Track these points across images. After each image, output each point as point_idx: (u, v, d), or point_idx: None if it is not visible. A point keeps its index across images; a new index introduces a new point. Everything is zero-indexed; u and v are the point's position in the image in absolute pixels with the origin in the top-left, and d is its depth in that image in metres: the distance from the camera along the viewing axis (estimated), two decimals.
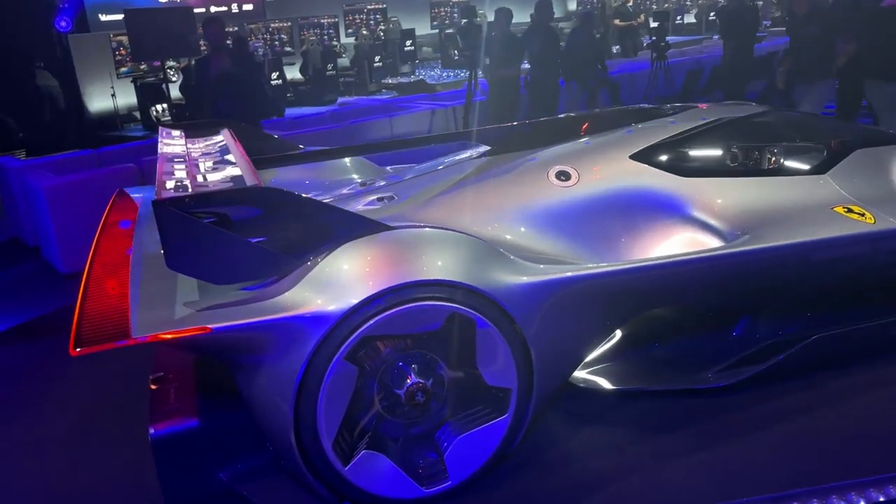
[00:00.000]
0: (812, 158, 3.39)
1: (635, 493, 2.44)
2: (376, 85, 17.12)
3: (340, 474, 2.33)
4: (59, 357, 3.86)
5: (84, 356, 1.94)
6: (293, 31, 17.43)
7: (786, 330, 3.05)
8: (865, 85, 5.87)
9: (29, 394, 3.53)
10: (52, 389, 3.55)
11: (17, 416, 3.36)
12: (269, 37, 16.38)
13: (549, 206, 3.02)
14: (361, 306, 2.22)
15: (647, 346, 3.01)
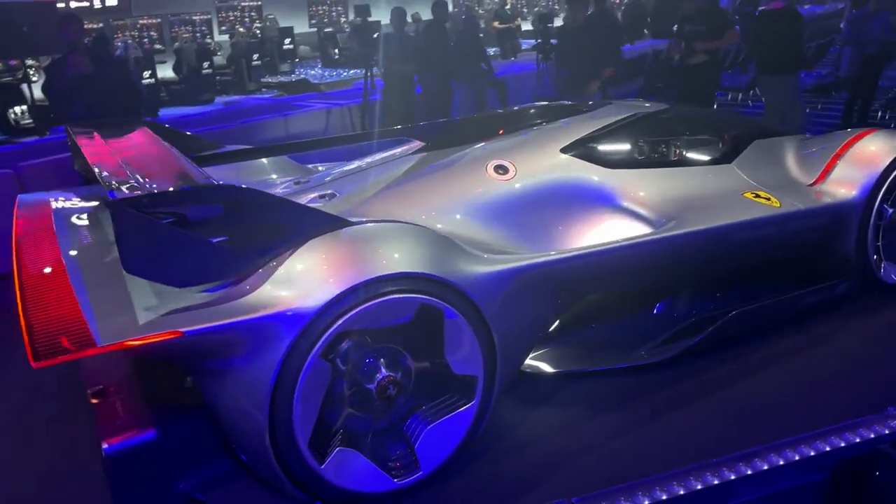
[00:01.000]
0: (718, 150, 3.69)
1: (589, 471, 2.54)
2: (255, 84, 16.64)
3: (316, 473, 2.30)
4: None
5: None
6: (163, 28, 16.66)
7: (708, 307, 3.31)
8: (758, 79, 6.49)
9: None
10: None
11: None
12: (138, 34, 15.54)
13: (489, 199, 3.11)
14: (335, 302, 2.20)
15: (582, 329, 3.16)
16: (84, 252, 2.61)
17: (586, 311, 3.14)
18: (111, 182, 2.31)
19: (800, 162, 3.73)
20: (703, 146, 3.68)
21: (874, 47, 8.46)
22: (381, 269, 2.28)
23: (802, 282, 3.55)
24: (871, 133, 3.71)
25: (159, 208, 2.17)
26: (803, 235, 3.43)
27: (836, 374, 3.09)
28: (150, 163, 2.71)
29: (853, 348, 3.28)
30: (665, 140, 3.59)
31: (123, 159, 2.70)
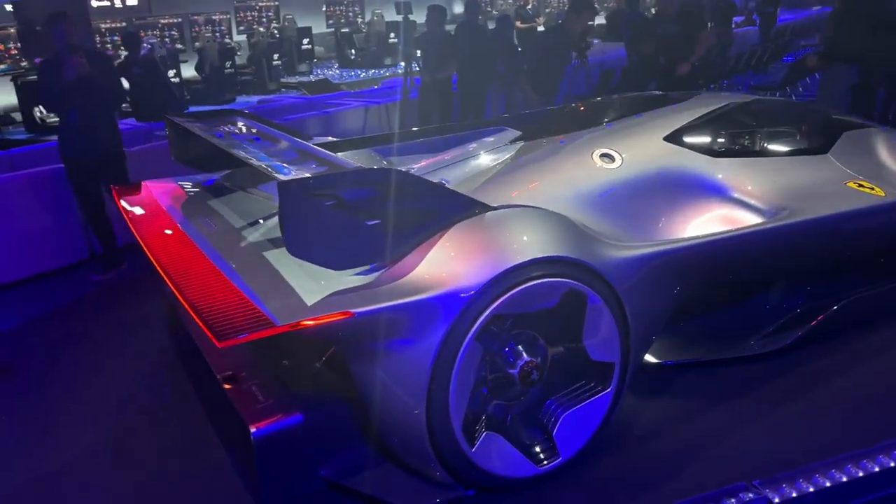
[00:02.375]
0: (811, 140, 3.69)
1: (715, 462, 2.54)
2: (276, 83, 16.65)
3: (467, 457, 2.30)
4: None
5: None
6: (184, 27, 16.65)
7: (814, 298, 3.30)
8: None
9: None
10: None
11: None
12: (160, 33, 15.55)
13: (597, 187, 3.10)
14: (493, 284, 2.20)
15: (692, 319, 3.16)
16: (217, 239, 2.62)
17: (697, 300, 3.13)
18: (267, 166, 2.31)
19: (892, 152, 3.73)
20: (797, 136, 3.68)
21: None
22: (535, 252, 2.29)
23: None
24: None
25: (323, 190, 2.16)
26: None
27: None
28: (285, 150, 2.72)
29: None
30: (761, 130, 3.59)
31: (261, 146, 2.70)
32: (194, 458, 2.74)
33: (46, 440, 2.94)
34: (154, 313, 3.95)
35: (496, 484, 2.39)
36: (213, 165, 3.48)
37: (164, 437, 2.89)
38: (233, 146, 2.83)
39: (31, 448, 2.90)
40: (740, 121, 3.61)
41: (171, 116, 3.46)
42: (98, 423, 3.03)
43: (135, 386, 3.30)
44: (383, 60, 19.15)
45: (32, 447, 2.91)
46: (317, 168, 2.45)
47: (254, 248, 2.58)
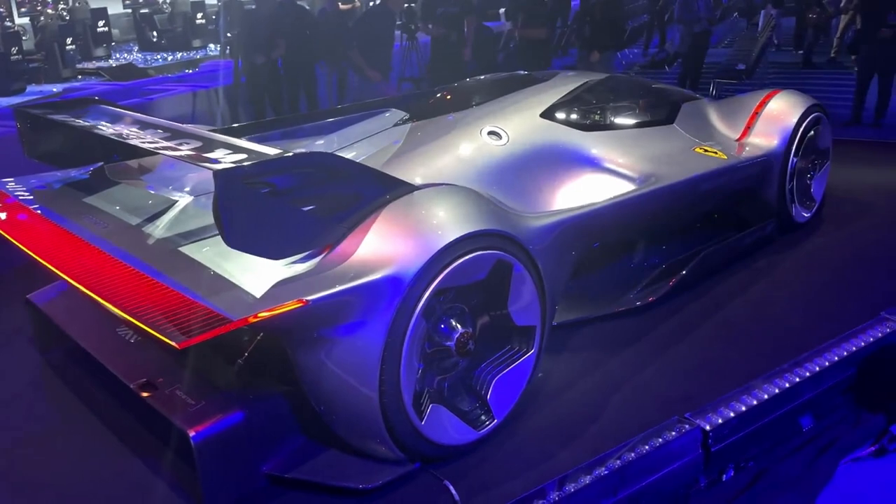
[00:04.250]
0: (659, 112, 4.09)
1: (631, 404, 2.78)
2: (71, 70, 15.16)
3: (419, 431, 2.36)
4: None
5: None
6: None
7: (675, 253, 3.70)
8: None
9: None
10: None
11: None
12: None
13: (489, 163, 3.24)
14: (433, 260, 2.26)
15: (577, 280, 3.42)
16: (118, 238, 2.43)
17: (583, 262, 3.39)
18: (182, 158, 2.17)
19: (723, 120, 4.25)
20: (648, 109, 4.07)
21: (701, 26, 9.55)
22: (469, 227, 2.37)
23: (737, 226, 4.07)
24: (777, 93, 4.31)
25: (258, 178, 2.09)
26: (743, 183, 3.94)
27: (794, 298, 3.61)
28: (175, 135, 2.56)
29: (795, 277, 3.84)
30: (619, 104, 3.93)
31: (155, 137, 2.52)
32: (106, 476, 2.53)
33: None
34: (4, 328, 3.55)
35: (442, 453, 2.47)
36: (76, 159, 3.18)
37: (65, 461, 2.63)
38: (121, 136, 2.62)
39: None
40: (601, 96, 3.93)
41: (25, 107, 3.11)
42: None
43: (8, 412, 2.95)
44: (191, 42, 18.07)
45: None
46: (230, 154, 2.34)
47: (163, 245, 2.43)
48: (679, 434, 2.21)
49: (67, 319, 2.92)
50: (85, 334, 2.79)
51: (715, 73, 9.97)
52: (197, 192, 2.81)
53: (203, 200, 2.77)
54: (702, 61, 9.79)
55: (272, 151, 2.32)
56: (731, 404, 2.34)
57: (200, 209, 2.69)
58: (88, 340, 2.75)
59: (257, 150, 2.34)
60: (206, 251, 2.37)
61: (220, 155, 2.30)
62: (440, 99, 3.93)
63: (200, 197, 2.78)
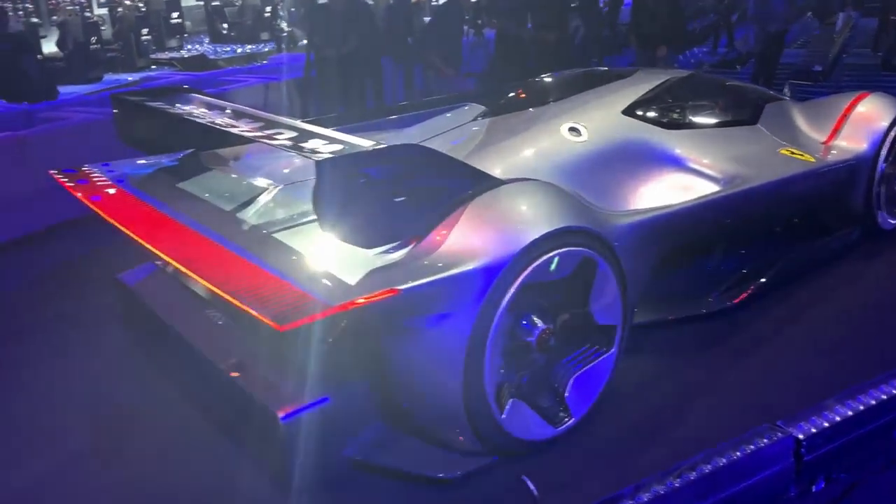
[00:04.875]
0: (743, 112, 4.00)
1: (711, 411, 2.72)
2: (145, 60, 15.66)
3: (499, 424, 2.37)
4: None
5: None
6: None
7: (761, 255, 3.62)
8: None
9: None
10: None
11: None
12: (13, 5, 14.19)
13: (569, 159, 3.22)
14: (522, 254, 2.27)
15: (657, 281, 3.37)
16: (215, 223, 2.51)
17: (664, 264, 3.33)
18: None
19: (809, 122, 4.12)
20: (732, 108, 3.98)
21: (777, 25, 9.28)
22: (558, 222, 2.37)
23: (820, 231, 3.95)
24: (867, 96, 4.16)
25: (356, 168, 2.13)
26: (829, 187, 3.82)
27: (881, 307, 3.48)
28: (269, 124, 2.62)
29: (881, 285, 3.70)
30: (703, 102, 3.85)
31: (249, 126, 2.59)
32: (196, 450, 2.62)
33: (20, 452, 2.70)
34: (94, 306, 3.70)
35: (519, 448, 2.47)
36: (168, 145, 3.29)
37: (154, 435, 2.73)
38: (216, 124, 2.70)
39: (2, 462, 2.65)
40: (684, 94, 3.85)
41: (121, 94, 3.23)
42: (73, 427, 2.81)
43: (103, 385, 3.08)
44: (259, 35, 18.45)
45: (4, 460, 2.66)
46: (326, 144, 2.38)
47: (258, 230, 2.49)
48: (771, 441, 2.17)
49: (156, 299, 3.03)
50: (174, 314, 2.89)
51: (789, 74, 9.68)
52: (287, 180, 2.88)
53: (293, 188, 2.83)
54: (777, 62, 9.50)
55: (366, 143, 2.36)
56: (824, 413, 2.28)
57: (290, 196, 2.75)
58: (177, 321, 2.85)
59: (351, 140, 2.38)
60: (299, 237, 2.43)
61: (316, 145, 2.34)
62: (519, 94, 3.92)
63: (290, 185, 2.85)
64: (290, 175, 2.97)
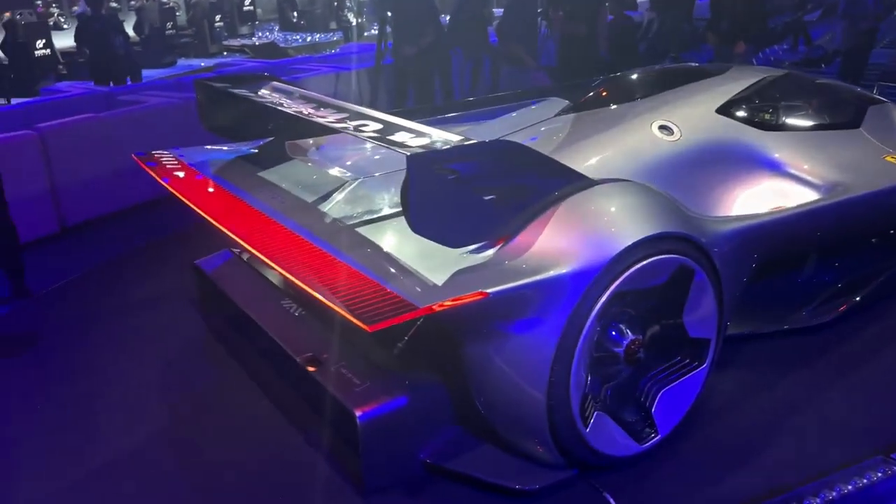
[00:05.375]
0: (844, 114, 3.76)
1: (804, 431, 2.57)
2: (217, 46, 15.95)
3: (582, 438, 2.26)
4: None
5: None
6: None
7: (859, 268, 3.39)
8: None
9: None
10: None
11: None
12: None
13: (660, 159, 3.06)
14: (616, 260, 2.15)
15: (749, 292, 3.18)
16: (297, 215, 2.46)
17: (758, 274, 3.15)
18: None
19: None
20: (832, 110, 3.74)
21: (868, 23, 8.80)
22: (654, 227, 2.24)
23: None
24: None
25: (448, 164, 2.04)
26: None
27: None
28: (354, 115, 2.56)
29: None
30: (800, 103, 3.63)
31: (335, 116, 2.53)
32: (263, 443, 2.59)
33: (93, 433, 2.72)
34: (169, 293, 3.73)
35: (602, 462, 2.36)
36: (250, 133, 3.27)
37: (226, 424, 2.72)
38: (301, 113, 2.65)
39: (79, 442, 2.68)
40: (781, 94, 3.64)
41: (206, 81, 3.22)
42: (150, 411, 2.82)
43: (172, 371, 3.09)
44: (328, 24, 18.60)
45: (81, 441, 2.68)
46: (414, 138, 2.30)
47: (340, 224, 2.44)
48: (885, 476, 2.00)
49: (234, 288, 3.02)
50: (251, 304, 2.87)
51: (878, 74, 9.19)
52: (366, 173, 2.82)
53: (372, 181, 2.77)
54: (866, 61, 9.04)
55: (454, 137, 2.27)
56: None
57: (370, 189, 2.69)
58: (255, 310, 2.82)
59: (440, 134, 2.30)
60: (381, 232, 2.36)
61: (404, 138, 2.27)
62: (604, 89, 3.77)
63: (370, 177, 2.79)
64: (369, 167, 2.91)
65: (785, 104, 3.59)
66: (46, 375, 3.14)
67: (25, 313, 3.80)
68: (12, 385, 3.09)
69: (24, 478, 2.49)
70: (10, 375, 3.17)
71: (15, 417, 2.84)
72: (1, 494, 2.41)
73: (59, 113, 5.83)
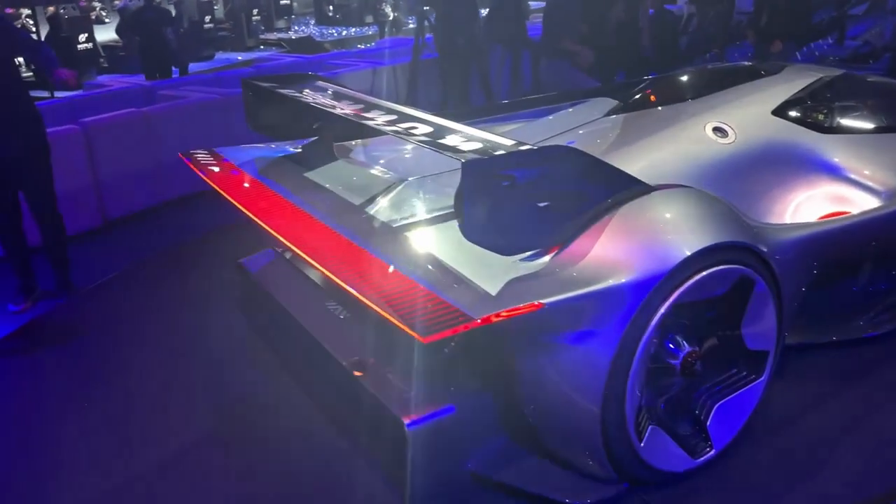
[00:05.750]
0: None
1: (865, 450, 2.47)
2: (254, 40, 16.06)
3: (636, 452, 2.19)
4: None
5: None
6: None
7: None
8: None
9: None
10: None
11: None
12: None
13: (715, 162, 2.97)
14: (676, 271, 2.07)
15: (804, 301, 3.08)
16: (346, 219, 2.42)
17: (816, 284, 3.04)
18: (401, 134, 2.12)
19: None
20: (891, 112, 3.59)
21: None
22: (715, 237, 2.16)
23: None
24: None
25: (502, 171, 1.99)
26: None
27: None
28: (403, 117, 2.51)
29: None
30: (859, 105, 3.50)
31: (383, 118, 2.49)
32: (309, 444, 2.57)
33: (139, 434, 2.72)
34: (211, 291, 3.74)
35: (655, 478, 2.29)
36: (296, 132, 3.25)
37: (271, 428, 2.70)
38: (350, 114, 2.62)
39: (125, 442, 2.69)
40: (838, 95, 3.51)
41: (252, 80, 3.20)
42: (191, 411, 2.82)
43: (220, 370, 3.08)
44: (364, 18, 18.59)
45: (127, 442, 2.69)
46: (466, 142, 2.25)
47: (389, 228, 2.39)
48: None
49: (278, 288, 3.00)
50: (296, 305, 2.84)
51: None
52: (412, 175, 2.77)
53: (418, 183, 2.73)
54: None
55: (507, 141, 2.21)
56: None
57: (419, 192, 2.64)
58: (299, 312, 2.80)
59: (491, 138, 2.24)
60: (431, 237, 2.32)
61: (455, 141, 2.22)
62: (654, 89, 3.67)
63: (418, 179, 2.74)
64: (415, 169, 2.87)
65: (843, 105, 3.46)
66: (90, 373, 3.16)
67: (70, 309, 3.83)
68: (56, 383, 3.11)
69: (72, 479, 2.50)
70: (53, 374, 3.20)
71: (59, 417, 2.86)
72: (49, 495, 2.43)
73: (101, 107, 5.90)
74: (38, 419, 2.86)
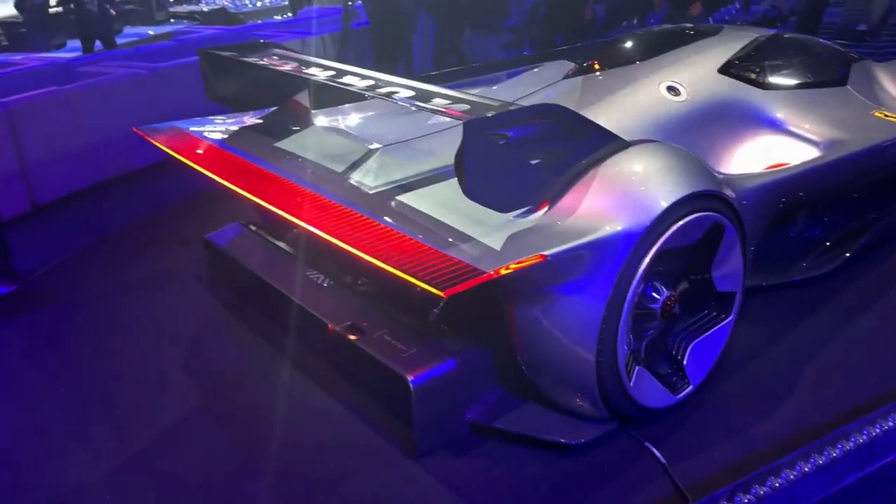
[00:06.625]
0: (832, 72, 3.87)
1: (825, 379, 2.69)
2: (164, 13, 15.40)
3: (626, 392, 2.34)
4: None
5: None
6: None
7: (851, 220, 3.54)
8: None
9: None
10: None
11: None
12: None
13: (670, 120, 3.14)
14: (660, 219, 2.21)
15: None
16: (334, 186, 2.44)
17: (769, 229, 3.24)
18: None
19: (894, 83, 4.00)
20: (820, 69, 3.85)
21: None
22: (692, 186, 2.30)
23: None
24: None
25: (500, 129, 2.05)
26: None
27: None
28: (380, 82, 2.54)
29: None
30: (793, 62, 3.73)
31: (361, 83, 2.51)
32: (310, 416, 2.59)
33: (130, 415, 2.68)
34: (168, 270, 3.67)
35: (641, 415, 2.45)
36: (258, 103, 3.21)
37: (265, 400, 2.69)
38: (328, 80, 2.62)
39: (117, 425, 2.64)
40: (773, 54, 3.73)
41: (210, 49, 3.13)
42: (180, 389, 2.78)
43: (198, 348, 3.05)
44: None
45: (119, 424, 2.64)
46: (452, 104, 2.30)
47: (376, 192, 2.43)
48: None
49: (256, 261, 2.98)
50: (278, 277, 2.84)
51: (832, 33, 9.44)
52: (387, 141, 2.80)
53: (395, 149, 2.76)
54: (820, 20, 9.28)
55: (493, 101, 2.28)
56: None
57: (396, 157, 2.68)
58: (282, 283, 2.80)
59: (477, 100, 2.30)
60: (420, 200, 2.36)
61: (442, 104, 2.26)
62: (606, 52, 3.80)
63: (392, 145, 2.77)
64: (388, 136, 2.90)
65: (778, 63, 3.69)
66: (63, 361, 3.06)
67: (20, 298, 3.67)
68: (26, 374, 3.00)
69: (71, 465, 2.43)
70: (22, 364, 3.07)
71: (40, 407, 2.76)
72: (53, 483, 2.36)
73: (17, 87, 5.56)
74: (20, 408, 2.76)
